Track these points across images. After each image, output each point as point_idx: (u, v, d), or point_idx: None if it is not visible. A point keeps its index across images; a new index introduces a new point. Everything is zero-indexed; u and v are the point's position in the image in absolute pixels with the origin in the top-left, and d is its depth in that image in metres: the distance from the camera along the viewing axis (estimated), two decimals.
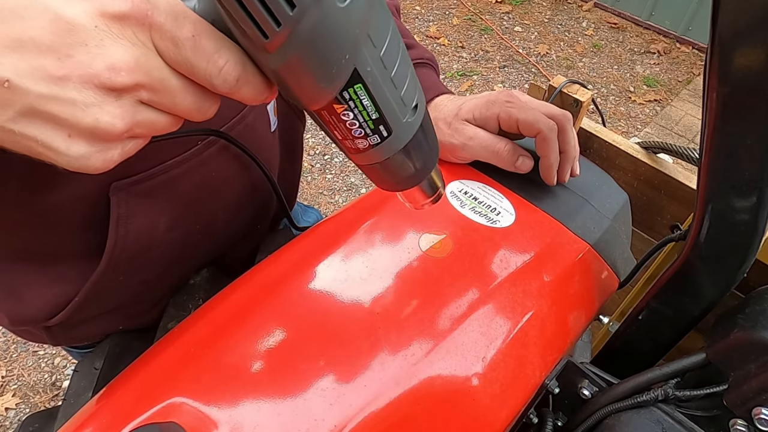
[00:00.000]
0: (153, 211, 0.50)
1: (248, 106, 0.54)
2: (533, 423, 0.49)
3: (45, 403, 1.57)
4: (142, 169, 0.47)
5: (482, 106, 0.54)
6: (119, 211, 0.48)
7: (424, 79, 0.61)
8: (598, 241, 0.52)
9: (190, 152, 0.50)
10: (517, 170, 0.53)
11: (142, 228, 0.50)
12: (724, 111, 0.34)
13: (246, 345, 0.39)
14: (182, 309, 0.61)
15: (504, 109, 0.52)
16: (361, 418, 0.36)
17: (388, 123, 0.28)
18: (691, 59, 3.10)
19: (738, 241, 0.41)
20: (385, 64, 0.26)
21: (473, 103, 0.55)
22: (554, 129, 0.51)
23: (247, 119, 0.54)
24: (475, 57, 3.03)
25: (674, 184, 0.81)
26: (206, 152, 0.51)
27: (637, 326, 0.55)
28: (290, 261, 0.47)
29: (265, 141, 0.60)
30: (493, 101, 0.53)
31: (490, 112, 0.53)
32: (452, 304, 0.43)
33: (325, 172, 2.31)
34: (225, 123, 0.52)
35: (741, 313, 0.42)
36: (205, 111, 0.28)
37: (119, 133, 0.26)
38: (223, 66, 0.25)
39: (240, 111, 0.53)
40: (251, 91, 0.27)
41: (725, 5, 0.29)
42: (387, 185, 0.34)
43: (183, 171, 0.50)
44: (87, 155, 0.26)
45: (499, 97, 0.53)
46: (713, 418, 0.42)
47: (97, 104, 0.24)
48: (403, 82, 0.28)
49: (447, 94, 0.60)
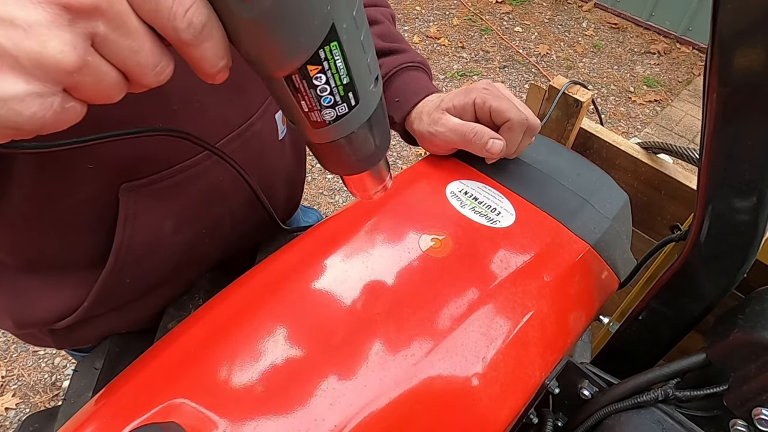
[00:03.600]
0: (160, 212, 0.51)
1: (255, 114, 0.54)
2: (533, 423, 0.49)
3: (45, 403, 1.57)
4: (153, 171, 0.48)
5: (461, 93, 0.56)
6: (127, 211, 0.48)
7: (415, 81, 0.63)
8: (598, 242, 0.52)
9: (199, 156, 0.50)
10: (489, 153, 0.53)
11: (148, 229, 0.51)
12: (724, 111, 0.34)
13: (246, 345, 0.39)
14: (182, 309, 0.62)
15: (480, 95, 0.54)
16: (361, 418, 0.36)
17: (357, 90, 0.27)
18: (691, 59, 3.10)
19: (738, 241, 0.41)
20: (358, 24, 0.25)
21: (454, 93, 0.57)
22: (524, 123, 0.52)
23: (255, 126, 0.55)
24: (475, 57, 3.03)
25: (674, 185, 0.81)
26: (213, 158, 0.51)
27: (637, 326, 0.55)
28: (290, 261, 0.47)
29: (272, 148, 0.60)
30: (471, 89, 0.55)
31: (467, 98, 0.55)
32: (452, 304, 0.43)
33: (325, 172, 2.31)
34: (233, 130, 0.52)
35: (741, 314, 0.42)
36: (161, 69, 0.24)
37: (68, 69, 0.20)
38: (190, 7, 0.22)
39: (248, 118, 0.54)
40: (212, 48, 0.24)
41: (725, 5, 0.29)
42: (343, 166, 0.33)
43: (192, 174, 0.51)
44: (20, 97, 0.20)
45: (477, 85, 0.55)
46: (713, 419, 0.42)
47: (45, 25, 0.19)
48: (370, 48, 0.27)
49: (437, 93, 0.62)
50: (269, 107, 0.58)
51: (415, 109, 0.61)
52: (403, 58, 0.64)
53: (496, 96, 0.53)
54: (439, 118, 0.56)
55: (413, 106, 0.61)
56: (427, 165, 0.57)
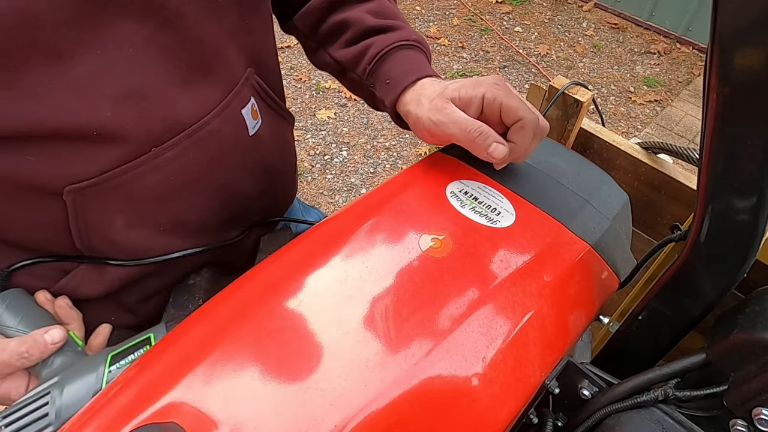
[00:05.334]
0: (107, 209, 0.52)
1: (212, 112, 0.54)
2: (533, 423, 0.49)
3: None
4: (92, 174, 0.48)
5: (469, 85, 0.52)
6: (75, 207, 0.50)
7: (409, 61, 0.59)
8: (598, 242, 0.52)
9: (141, 158, 0.50)
10: (490, 157, 0.51)
11: (99, 223, 0.52)
12: (724, 111, 0.34)
13: (246, 345, 0.39)
14: (182, 309, 0.62)
15: (490, 89, 0.50)
16: (361, 418, 0.36)
17: None
18: (691, 59, 3.10)
19: (738, 241, 0.41)
20: None
21: (461, 83, 0.53)
22: (536, 121, 0.50)
23: (211, 125, 0.54)
24: (475, 57, 3.03)
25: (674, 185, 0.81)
26: (161, 157, 0.51)
27: (637, 326, 0.55)
28: (290, 261, 0.47)
29: (239, 145, 0.59)
30: (481, 82, 0.52)
31: (476, 91, 0.51)
32: (452, 304, 0.43)
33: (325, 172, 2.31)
34: (182, 130, 0.52)
35: (741, 314, 0.42)
36: None
37: None
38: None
39: (202, 117, 0.53)
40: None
41: (725, 5, 0.29)
42: None
43: (134, 176, 0.51)
44: None
45: (487, 79, 0.52)
46: (713, 419, 0.42)
47: None
48: None
49: (434, 78, 0.58)
50: (232, 102, 0.56)
51: (410, 91, 0.57)
52: (396, 36, 0.60)
53: (508, 93, 0.50)
54: (443, 107, 0.52)
55: (405, 88, 0.57)
56: (427, 165, 0.57)
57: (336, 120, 2.57)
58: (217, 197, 0.60)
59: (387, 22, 0.60)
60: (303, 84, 2.81)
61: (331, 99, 2.68)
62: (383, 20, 0.60)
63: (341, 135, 2.49)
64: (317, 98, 2.69)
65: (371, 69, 0.59)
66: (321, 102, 2.67)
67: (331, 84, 2.74)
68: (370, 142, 2.45)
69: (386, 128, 2.52)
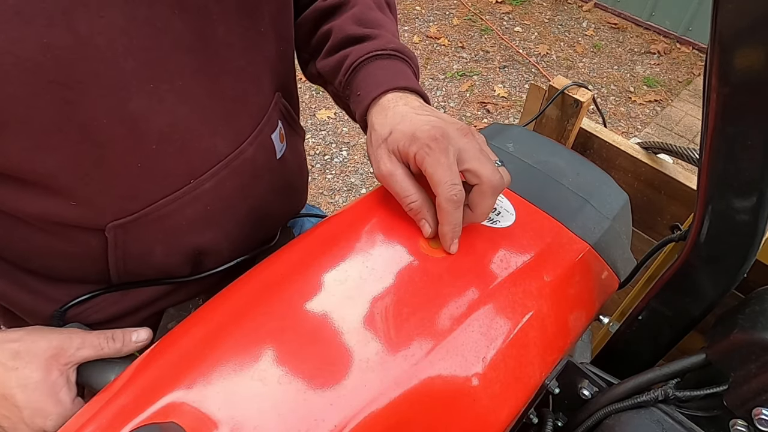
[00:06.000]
0: (147, 241, 0.52)
1: (247, 140, 0.54)
2: (533, 423, 0.49)
3: None
4: (135, 210, 0.48)
5: (406, 139, 0.45)
6: (116, 241, 0.50)
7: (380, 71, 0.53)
8: (598, 242, 0.52)
9: (181, 191, 0.50)
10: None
11: (138, 254, 0.52)
12: (724, 111, 0.34)
13: (246, 345, 0.39)
14: (182, 309, 0.62)
15: (420, 151, 0.44)
16: (361, 418, 0.36)
17: None
18: (691, 59, 3.10)
19: (738, 241, 0.41)
20: None
21: (401, 134, 0.46)
22: (453, 200, 0.43)
23: (246, 153, 0.54)
24: (475, 57, 3.03)
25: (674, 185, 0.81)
26: (199, 189, 0.51)
27: (637, 326, 0.55)
28: (290, 261, 0.47)
29: (267, 169, 0.59)
30: (417, 138, 0.45)
31: (409, 150, 0.45)
32: (452, 304, 0.43)
33: (325, 172, 2.31)
34: (220, 160, 0.51)
35: (741, 314, 0.42)
36: None
37: None
38: None
39: (238, 146, 0.53)
40: None
41: (725, 5, 0.29)
42: None
43: (174, 208, 0.50)
44: None
45: (425, 134, 0.44)
46: (713, 419, 0.42)
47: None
48: None
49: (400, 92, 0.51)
50: (264, 128, 0.56)
51: (377, 106, 0.51)
52: (373, 45, 0.55)
53: (435, 160, 0.43)
54: (382, 159, 0.47)
55: (372, 100, 0.51)
56: None
57: (336, 120, 2.57)
58: (248, 221, 0.60)
59: (366, 30, 0.56)
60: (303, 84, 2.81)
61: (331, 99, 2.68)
62: (363, 29, 0.56)
63: (341, 135, 2.49)
64: (317, 98, 2.69)
65: (346, 81, 0.56)
66: (321, 102, 2.67)
67: None
68: None
69: None
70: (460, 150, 0.44)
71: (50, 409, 0.45)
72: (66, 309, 0.54)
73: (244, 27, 0.48)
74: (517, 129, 0.64)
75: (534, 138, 0.63)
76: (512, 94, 2.78)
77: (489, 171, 0.44)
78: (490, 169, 0.44)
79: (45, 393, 0.45)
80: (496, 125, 0.64)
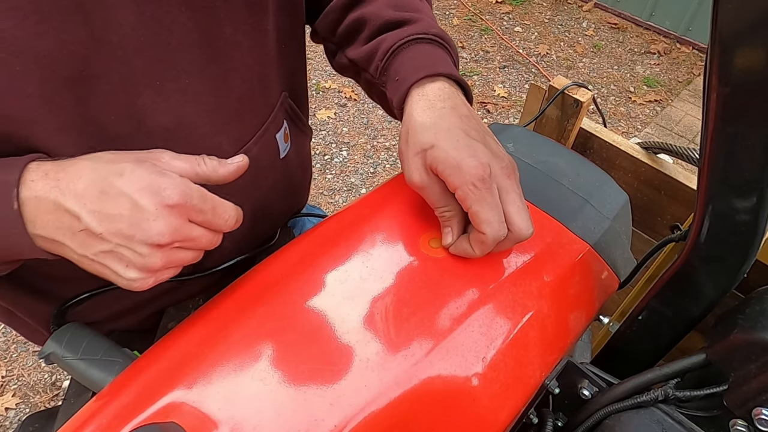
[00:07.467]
0: None
1: (252, 140, 0.54)
2: (533, 423, 0.49)
3: (45, 403, 1.57)
4: None
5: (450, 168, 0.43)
6: None
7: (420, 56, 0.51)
8: (598, 242, 0.52)
9: None
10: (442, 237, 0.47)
11: None
12: (724, 111, 0.34)
13: (246, 345, 0.39)
14: (182, 309, 0.62)
15: (464, 187, 0.42)
16: (361, 418, 0.36)
17: None
18: (691, 59, 3.10)
19: (738, 241, 0.41)
20: None
21: (444, 156, 0.43)
22: (498, 237, 0.43)
23: (251, 152, 0.54)
24: (475, 57, 3.03)
25: (674, 185, 0.81)
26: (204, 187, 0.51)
27: (637, 326, 0.55)
28: (290, 261, 0.47)
29: (271, 169, 0.59)
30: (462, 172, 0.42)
31: (451, 180, 0.43)
32: (452, 304, 0.43)
33: (325, 172, 2.31)
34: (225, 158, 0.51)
35: (741, 314, 0.42)
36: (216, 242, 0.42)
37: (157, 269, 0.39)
38: (228, 218, 0.42)
39: (243, 144, 0.53)
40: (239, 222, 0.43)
41: (725, 5, 0.29)
42: None
43: None
44: (135, 279, 0.39)
45: (471, 170, 0.42)
46: (713, 419, 0.42)
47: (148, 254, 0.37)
48: None
49: (445, 83, 0.49)
50: (269, 128, 0.56)
51: (421, 96, 0.48)
52: (412, 29, 0.52)
53: (480, 200, 0.42)
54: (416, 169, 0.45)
55: (411, 85, 0.49)
56: None
57: (336, 120, 2.57)
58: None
59: (405, 15, 0.53)
60: None
61: (331, 99, 2.68)
62: (401, 13, 0.53)
63: (341, 135, 2.49)
64: (317, 98, 2.69)
65: (383, 66, 0.52)
66: (321, 102, 2.67)
67: (331, 84, 2.74)
68: (370, 142, 2.45)
69: (386, 128, 2.52)
70: (500, 189, 0.44)
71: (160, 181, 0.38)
72: (66, 308, 0.54)
73: (251, 25, 0.48)
74: (517, 129, 0.64)
75: (534, 138, 0.63)
76: (512, 94, 2.78)
77: (525, 224, 0.43)
78: (525, 222, 0.43)
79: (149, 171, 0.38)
80: (496, 125, 0.64)
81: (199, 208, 0.39)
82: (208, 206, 0.39)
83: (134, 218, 0.36)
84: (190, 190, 0.38)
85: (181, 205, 0.37)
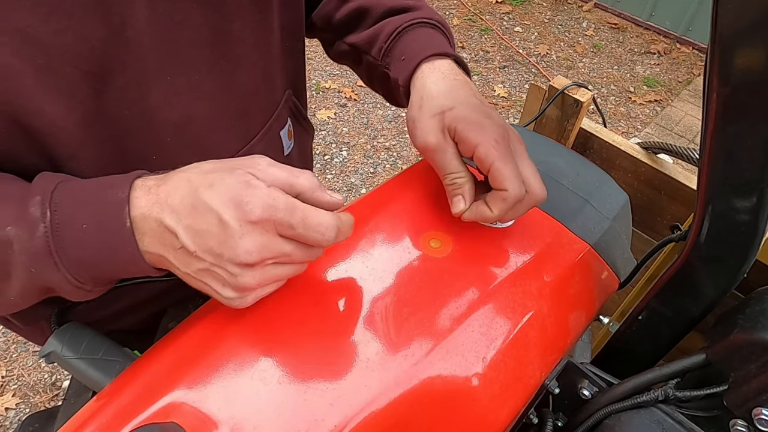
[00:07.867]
0: None
1: (257, 136, 0.54)
2: (533, 423, 0.49)
3: (45, 403, 1.57)
4: None
5: (472, 126, 0.44)
6: None
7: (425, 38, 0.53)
8: (598, 242, 0.52)
9: None
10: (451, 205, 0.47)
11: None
12: (724, 111, 0.34)
13: (246, 345, 0.39)
14: (182, 309, 0.61)
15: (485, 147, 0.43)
16: (361, 418, 0.36)
17: None
18: (691, 59, 3.10)
19: (738, 241, 0.41)
20: None
21: (467, 115, 0.45)
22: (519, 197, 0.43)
23: (255, 149, 0.54)
24: (475, 57, 3.03)
25: (674, 185, 0.81)
26: None
27: (637, 326, 0.55)
28: None
29: None
30: (484, 130, 0.44)
31: (472, 137, 0.44)
32: (452, 304, 0.43)
33: (325, 172, 2.31)
34: (230, 155, 0.52)
35: (741, 314, 0.42)
36: (314, 257, 0.39)
37: (252, 288, 0.37)
38: (324, 231, 0.36)
39: (248, 142, 0.53)
40: (342, 235, 0.38)
41: (725, 5, 0.29)
42: None
43: None
44: (232, 298, 0.37)
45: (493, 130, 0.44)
46: (713, 419, 0.42)
47: (239, 273, 0.35)
48: None
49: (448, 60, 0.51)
50: (274, 125, 0.56)
51: (433, 69, 0.49)
52: (416, 15, 0.55)
53: (503, 157, 0.43)
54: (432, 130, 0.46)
55: (418, 64, 0.50)
56: (428, 165, 0.57)
57: (336, 120, 2.57)
58: None
59: (408, 2, 0.56)
60: None
61: (331, 99, 2.68)
62: (404, 0, 0.57)
63: (341, 135, 2.49)
64: (317, 98, 2.69)
65: (387, 47, 0.54)
66: (321, 102, 2.67)
67: (331, 84, 2.74)
68: (370, 142, 2.45)
69: (386, 128, 2.52)
70: (515, 153, 0.45)
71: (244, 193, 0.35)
72: (66, 308, 0.54)
73: (257, 21, 0.48)
74: (517, 129, 0.64)
75: (534, 138, 0.63)
76: (512, 94, 2.78)
77: (540, 186, 0.45)
78: (541, 185, 0.45)
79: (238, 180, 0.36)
80: None
81: (287, 221, 0.35)
82: (297, 219, 0.35)
83: (222, 235, 0.34)
84: (276, 201, 0.35)
85: (266, 219, 0.35)
